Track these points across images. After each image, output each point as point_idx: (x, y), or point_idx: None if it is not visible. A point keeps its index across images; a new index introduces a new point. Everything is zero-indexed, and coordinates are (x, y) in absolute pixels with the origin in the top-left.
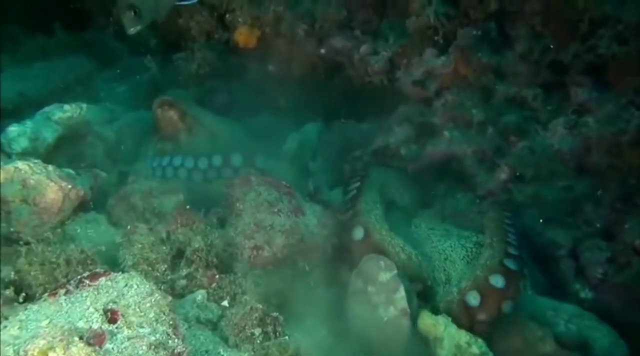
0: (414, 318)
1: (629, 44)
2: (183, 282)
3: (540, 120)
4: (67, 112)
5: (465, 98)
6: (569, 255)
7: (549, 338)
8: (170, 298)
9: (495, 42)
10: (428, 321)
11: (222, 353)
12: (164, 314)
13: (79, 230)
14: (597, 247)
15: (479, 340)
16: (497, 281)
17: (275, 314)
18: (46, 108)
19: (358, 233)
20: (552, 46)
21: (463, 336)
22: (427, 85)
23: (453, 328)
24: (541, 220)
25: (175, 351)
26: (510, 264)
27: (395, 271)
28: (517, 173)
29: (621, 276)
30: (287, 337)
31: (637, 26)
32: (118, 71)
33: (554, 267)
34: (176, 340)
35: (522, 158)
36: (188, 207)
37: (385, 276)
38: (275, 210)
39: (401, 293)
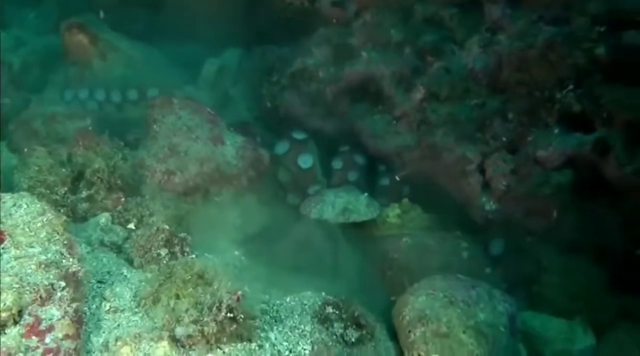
0: None
1: None
2: (85, 205)
3: (456, 40)
4: None
5: (384, 18)
6: (477, 169)
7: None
8: (64, 217)
9: None
10: None
11: (125, 273)
12: (58, 234)
13: None
14: (503, 159)
15: None
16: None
17: (182, 235)
18: None
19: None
20: None
21: None
22: (346, 6)
23: None
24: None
25: (70, 270)
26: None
27: None
28: (432, 93)
29: (523, 187)
30: (194, 256)
31: None
32: None
33: (464, 182)
34: (71, 259)
35: (438, 78)
36: (90, 128)
37: None
38: (194, 136)
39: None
